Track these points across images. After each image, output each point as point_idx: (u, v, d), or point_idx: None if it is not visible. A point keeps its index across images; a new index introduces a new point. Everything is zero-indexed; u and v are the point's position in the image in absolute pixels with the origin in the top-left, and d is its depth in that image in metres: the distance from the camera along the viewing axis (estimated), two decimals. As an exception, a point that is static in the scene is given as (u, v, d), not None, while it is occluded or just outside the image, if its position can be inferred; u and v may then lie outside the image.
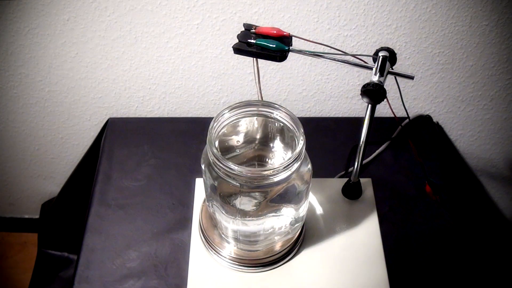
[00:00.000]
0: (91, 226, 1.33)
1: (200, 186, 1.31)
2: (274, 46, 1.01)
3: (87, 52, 1.43)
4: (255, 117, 1.09)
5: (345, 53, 1.03)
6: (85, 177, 1.59)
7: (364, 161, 1.44)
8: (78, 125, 1.64)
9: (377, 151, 1.47)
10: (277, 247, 1.18)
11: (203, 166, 1.07)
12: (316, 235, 1.23)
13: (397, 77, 1.04)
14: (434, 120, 1.58)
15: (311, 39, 1.09)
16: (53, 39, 1.39)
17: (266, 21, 1.34)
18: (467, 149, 1.65)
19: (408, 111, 1.55)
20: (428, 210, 1.35)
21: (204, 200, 1.26)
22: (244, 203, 1.06)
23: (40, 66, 1.46)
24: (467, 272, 1.26)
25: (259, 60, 1.05)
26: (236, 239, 1.16)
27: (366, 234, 1.23)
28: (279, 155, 1.14)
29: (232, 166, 0.97)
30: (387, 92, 0.99)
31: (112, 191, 1.39)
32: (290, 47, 1.03)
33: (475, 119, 1.57)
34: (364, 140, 1.14)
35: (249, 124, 1.11)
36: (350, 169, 1.42)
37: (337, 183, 1.31)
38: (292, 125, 1.05)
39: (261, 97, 1.12)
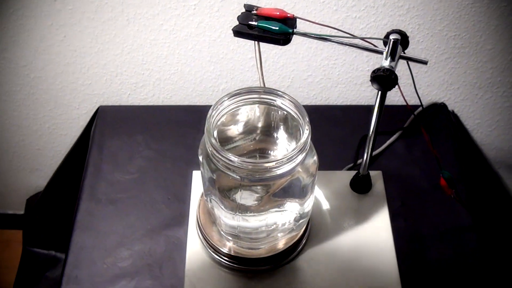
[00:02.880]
0: (80, 223, 1.33)
1: (197, 179, 1.31)
2: (277, 28, 1.01)
3: (75, 35, 1.43)
4: (257, 105, 1.10)
5: (354, 36, 1.03)
6: (73, 170, 1.60)
7: (374, 153, 1.45)
8: (66, 114, 1.64)
9: (388, 142, 1.47)
10: (280, 244, 1.19)
11: (200, 158, 1.07)
12: (322, 232, 1.23)
13: (410, 62, 1.04)
14: (449, 108, 1.58)
15: (317, 21, 1.09)
16: (39, 21, 1.39)
17: (268, 2, 1.34)
18: (485, 140, 1.65)
19: (421, 98, 1.54)
20: (442, 206, 1.35)
21: (202, 194, 1.26)
22: (245, 197, 1.06)
23: (25, 50, 1.46)
24: (484, 272, 1.26)
25: (261, 43, 1.05)
26: (236, 236, 1.16)
27: (376, 231, 1.23)
28: (282, 146, 1.14)
29: (232, 157, 0.97)
30: (398, 78, 0.99)
31: (102, 185, 1.40)
32: (294, 30, 1.02)
33: (493, 107, 1.57)
34: (374, 130, 1.14)
35: (250, 113, 1.11)
36: (359, 161, 1.42)
37: (345, 176, 1.31)
38: (296, 114, 1.05)
39: (263, 84, 1.12)
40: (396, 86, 1.00)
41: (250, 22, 1.02)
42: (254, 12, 1.04)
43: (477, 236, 1.31)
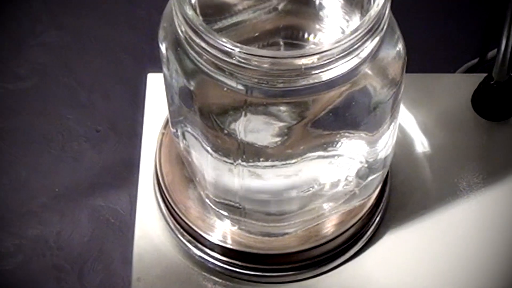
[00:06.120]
0: None
1: (156, 91, 1.32)
2: None
3: None
4: None
5: None
6: None
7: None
8: None
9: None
10: (329, 226, 1.17)
11: (163, 48, 1.04)
12: (414, 200, 1.24)
13: None
14: None
15: None
16: None
17: None
18: None
19: None
20: None
21: (166, 122, 1.25)
22: (255, 128, 1.01)
23: None
24: None
25: None
26: (237, 210, 1.14)
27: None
28: (332, 22, 1.14)
29: (229, 46, 0.91)
30: None
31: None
32: None
33: None
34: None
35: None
36: (490, 55, 1.44)
37: (462, 85, 1.36)
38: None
39: None
40: None
41: None
42: None
43: None
